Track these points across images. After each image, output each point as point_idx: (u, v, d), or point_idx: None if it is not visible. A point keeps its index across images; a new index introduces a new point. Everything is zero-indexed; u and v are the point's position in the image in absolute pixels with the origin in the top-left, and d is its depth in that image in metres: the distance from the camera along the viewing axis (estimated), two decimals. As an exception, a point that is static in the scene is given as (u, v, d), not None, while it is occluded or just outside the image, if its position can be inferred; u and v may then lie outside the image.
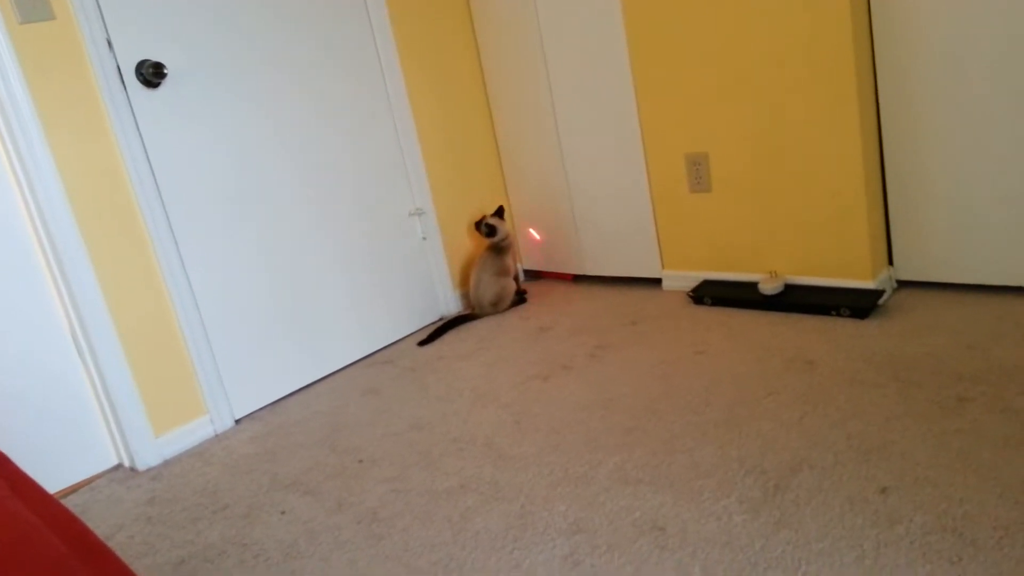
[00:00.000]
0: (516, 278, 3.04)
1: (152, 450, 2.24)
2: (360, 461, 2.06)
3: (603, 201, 2.93)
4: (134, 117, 2.18)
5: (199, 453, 2.27)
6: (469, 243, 3.11)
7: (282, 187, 2.51)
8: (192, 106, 2.29)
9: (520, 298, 3.03)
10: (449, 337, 2.81)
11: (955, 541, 1.37)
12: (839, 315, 2.34)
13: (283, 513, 1.87)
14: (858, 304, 2.31)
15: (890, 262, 2.46)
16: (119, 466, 2.27)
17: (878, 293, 2.36)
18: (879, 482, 1.56)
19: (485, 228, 2.96)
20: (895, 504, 1.49)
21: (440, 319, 2.98)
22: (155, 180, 2.23)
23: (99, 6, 2.10)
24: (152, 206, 2.22)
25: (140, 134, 2.19)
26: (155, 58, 2.20)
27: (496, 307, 2.94)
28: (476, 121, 3.11)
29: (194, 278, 2.32)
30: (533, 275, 3.32)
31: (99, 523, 1.99)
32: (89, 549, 1.07)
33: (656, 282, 2.92)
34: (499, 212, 3.03)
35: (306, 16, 2.55)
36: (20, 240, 2.09)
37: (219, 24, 2.34)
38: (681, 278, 2.81)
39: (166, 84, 2.23)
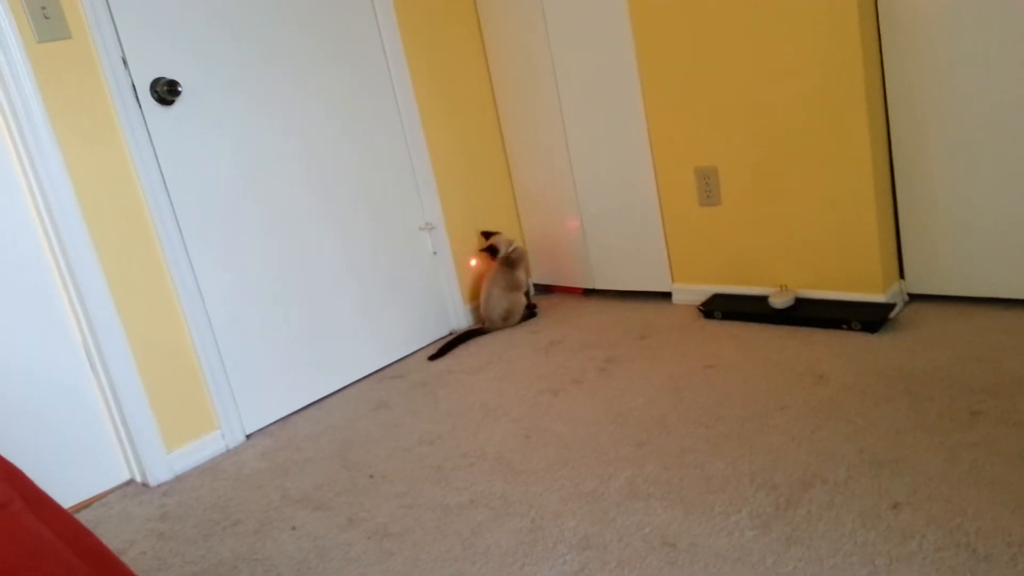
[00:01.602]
0: (527, 292, 3.04)
1: (164, 465, 2.25)
2: (371, 476, 2.06)
3: (613, 215, 2.93)
4: (148, 134, 2.20)
5: (210, 468, 2.28)
6: (476, 268, 3.11)
7: (294, 202, 2.53)
8: (206, 123, 2.32)
9: (530, 312, 3.03)
10: (459, 351, 2.82)
11: (968, 557, 1.36)
12: (850, 329, 2.33)
13: (294, 529, 1.88)
14: (869, 318, 2.31)
15: (901, 276, 2.45)
16: (131, 481, 2.28)
17: (889, 307, 2.35)
18: (891, 497, 1.56)
19: (489, 251, 3.00)
20: (907, 519, 1.48)
21: (450, 333, 2.99)
22: (168, 195, 2.25)
23: (115, 25, 2.13)
24: (165, 221, 2.24)
25: (154, 150, 2.22)
26: (169, 75, 2.23)
27: (506, 321, 2.95)
28: (486, 136, 3.13)
29: (206, 293, 2.33)
30: (543, 289, 3.32)
31: (111, 538, 2.00)
32: (103, 563, 1.07)
33: (666, 296, 2.92)
34: (486, 235, 3.06)
35: (318, 31, 2.57)
36: (34, 255, 2.11)
37: (233, 41, 2.37)
38: (691, 292, 2.81)
39: (180, 101, 2.26)
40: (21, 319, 2.09)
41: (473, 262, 3.03)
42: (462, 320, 3.03)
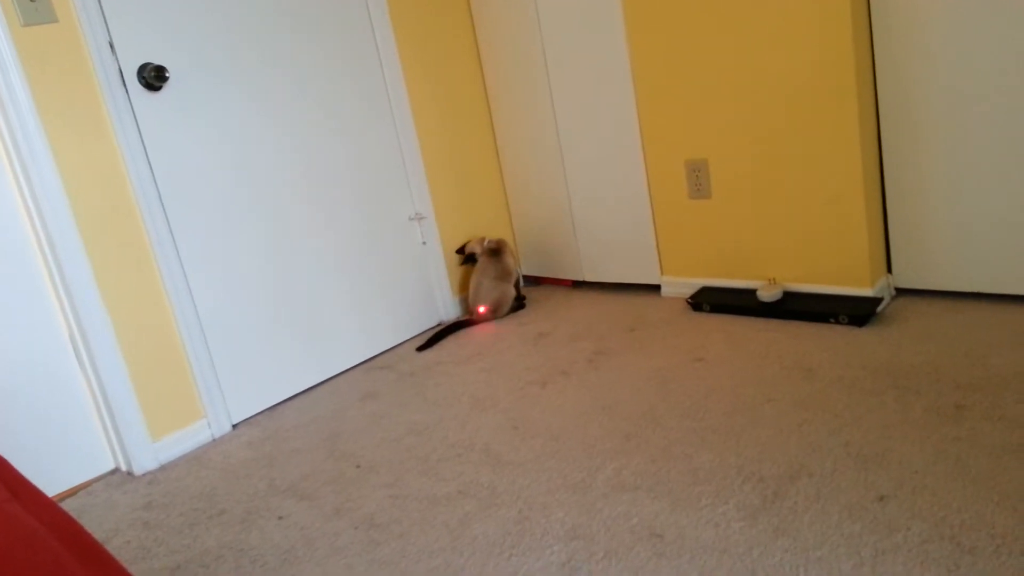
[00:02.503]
0: (517, 284, 3.04)
1: (149, 454, 2.24)
2: (358, 467, 2.05)
3: (603, 207, 2.93)
4: (136, 120, 2.18)
5: (196, 458, 2.27)
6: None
7: (283, 191, 2.52)
8: (193, 110, 2.30)
9: (519, 304, 3.03)
10: (448, 342, 2.81)
11: (953, 549, 1.37)
12: (837, 323, 2.34)
13: (280, 519, 1.87)
14: (856, 312, 2.32)
15: (888, 270, 2.46)
16: (116, 470, 2.27)
17: (876, 301, 2.36)
18: (877, 490, 1.57)
19: (470, 259, 3.01)
20: (893, 512, 1.49)
21: (439, 324, 2.98)
22: (156, 183, 2.23)
23: (102, 9, 2.10)
24: (152, 209, 2.22)
25: (141, 137, 2.19)
26: (157, 61, 2.20)
27: (495, 313, 2.94)
28: (477, 126, 3.12)
29: (193, 282, 2.32)
30: (532, 281, 3.32)
31: (95, 528, 1.99)
32: (88, 552, 1.07)
33: (655, 288, 2.92)
34: (459, 251, 3.04)
35: (309, 21, 2.55)
36: (20, 243, 2.09)
37: (222, 29, 2.35)
38: (680, 285, 2.81)
39: (168, 87, 2.24)
40: (6, 308, 2.07)
41: (482, 309, 2.93)
42: (451, 311, 3.03)
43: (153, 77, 2.18)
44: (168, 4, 2.24)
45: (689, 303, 2.70)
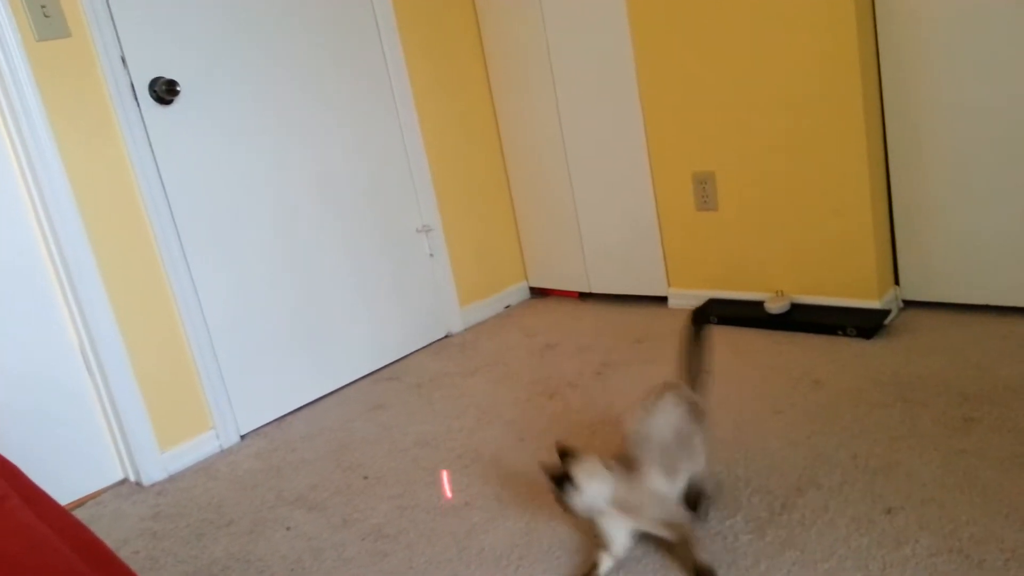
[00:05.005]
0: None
1: (158, 465, 2.24)
2: (365, 477, 2.06)
3: (610, 218, 2.94)
4: (147, 133, 2.20)
5: (204, 468, 2.27)
6: (478, 273, 3.11)
7: (291, 203, 2.53)
8: (204, 123, 2.32)
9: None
10: (454, 353, 2.82)
11: (962, 563, 1.36)
12: (845, 335, 2.34)
13: (288, 529, 1.88)
14: (864, 324, 2.31)
15: (896, 282, 2.46)
16: (124, 481, 2.28)
17: (884, 313, 2.36)
18: (885, 502, 1.56)
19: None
20: (901, 525, 1.49)
21: (446, 335, 2.99)
22: (166, 195, 2.25)
23: (114, 24, 2.13)
24: (163, 221, 2.24)
25: (152, 151, 2.22)
26: (168, 75, 2.22)
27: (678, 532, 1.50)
28: (484, 138, 3.13)
29: (203, 293, 2.33)
30: (539, 292, 3.33)
31: (104, 537, 1.97)
32: (99, 558, 1.07)
33: (662, 300, 2.92)
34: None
35: (317, 34, 2.57)
36: (31, 255, 2.11)
37: (233, 43, 2.37)
38: (687, 296, 2.81)
39: (179, 101, 2.26)
40: (18, 318, 2.09)
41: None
42: (458, 322, 3.03)
43: (164, 91, 2.21)
44: (180, 19, 2.26)
45: (696, 315, 2.70)
